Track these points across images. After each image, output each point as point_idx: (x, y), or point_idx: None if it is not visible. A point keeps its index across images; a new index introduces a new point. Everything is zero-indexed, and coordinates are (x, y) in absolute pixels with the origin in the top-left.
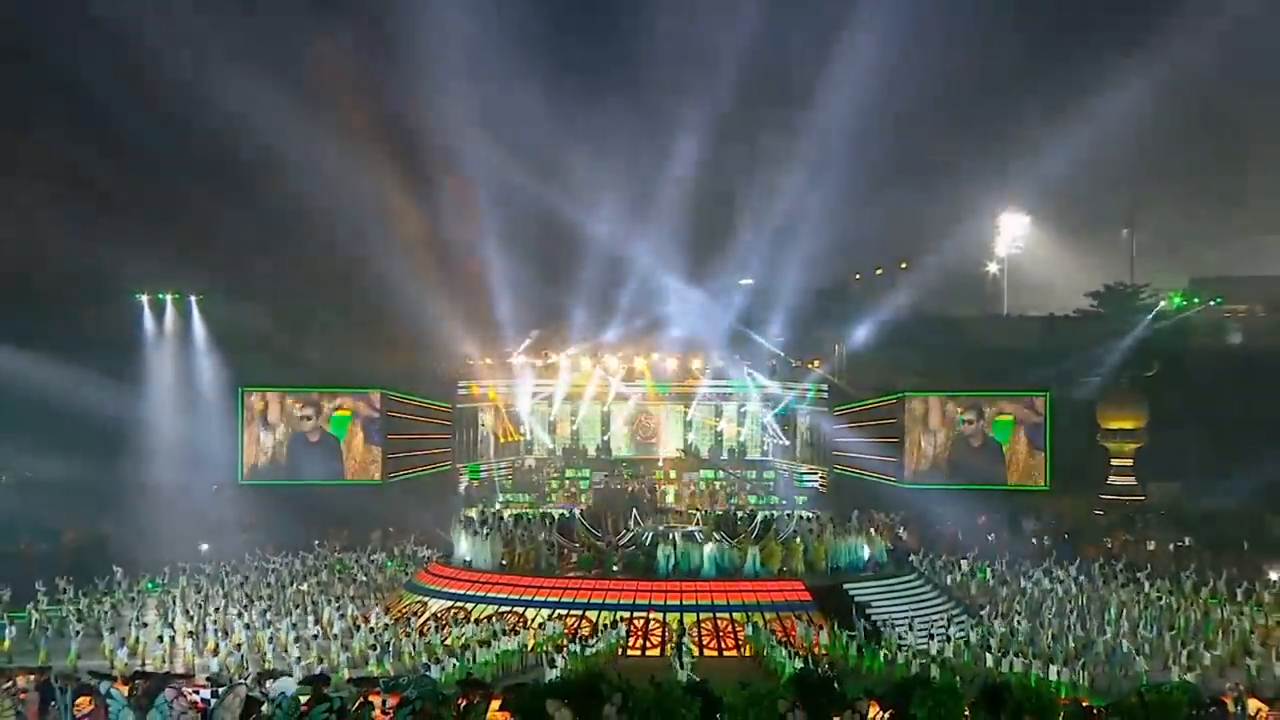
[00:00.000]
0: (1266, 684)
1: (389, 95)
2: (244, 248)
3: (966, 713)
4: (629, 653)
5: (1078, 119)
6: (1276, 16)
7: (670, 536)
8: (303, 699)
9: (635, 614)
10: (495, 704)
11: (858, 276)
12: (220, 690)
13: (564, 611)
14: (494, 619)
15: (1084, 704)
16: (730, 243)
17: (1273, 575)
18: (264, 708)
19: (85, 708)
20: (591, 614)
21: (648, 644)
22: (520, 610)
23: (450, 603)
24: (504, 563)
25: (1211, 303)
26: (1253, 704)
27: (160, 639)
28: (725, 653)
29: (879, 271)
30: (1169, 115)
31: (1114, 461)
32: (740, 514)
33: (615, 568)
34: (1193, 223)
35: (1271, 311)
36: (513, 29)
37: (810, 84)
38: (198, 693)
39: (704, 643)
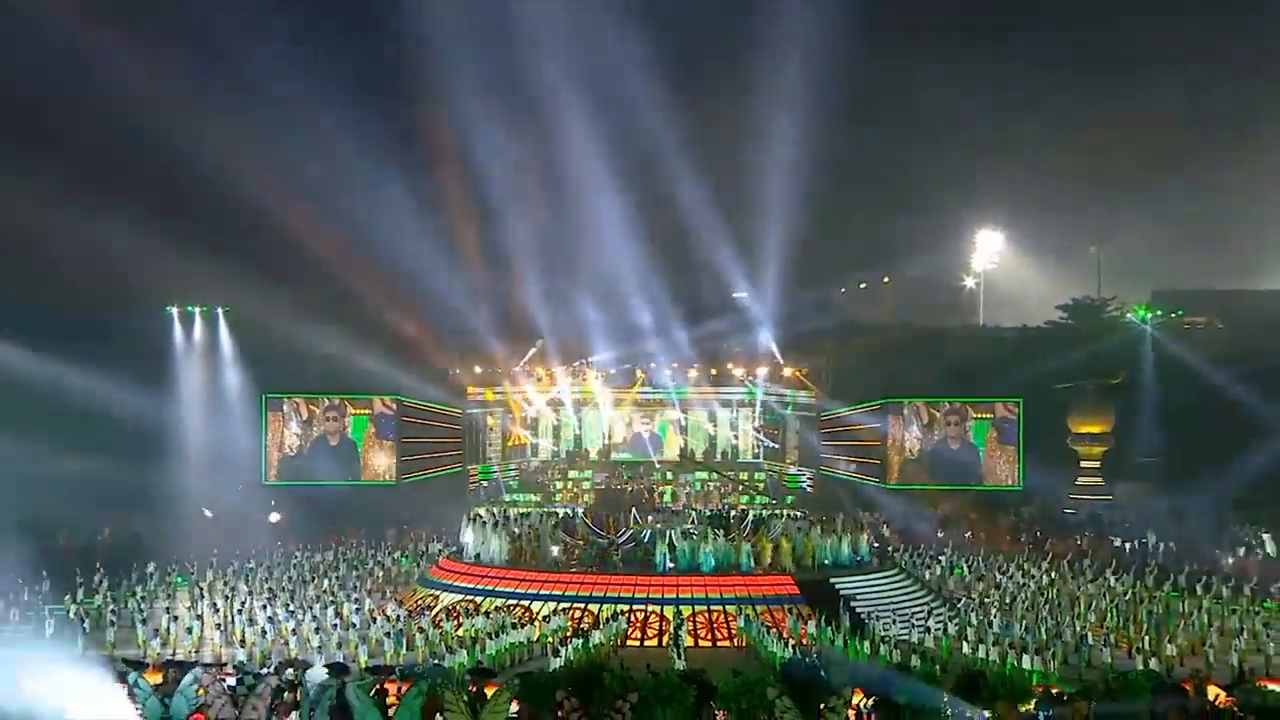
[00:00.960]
0: (1223, 672)
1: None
2: (267, 263)
3: (945, 699)
4: (629, 643)
5: (1050, 143)
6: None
7: (668, 534)
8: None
9: (635, 607)
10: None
11: (843, 290)
12: (245, 679)
13: (568, 605)
14: (502, 611)
15: (1054, 690)
16: (724, 257)
17: (1229, 570)
18: (286, 694)
19: None
20: (594, 607)
21: (646, 635)
22: (527, 603)
23: (461, 596)
24: (510, 558)
25: (1172, 315)
26: (1211, 690)
27: (190, 630)
28: (719, 643)
29: (863, 285)
30: (1137, 141)
31: (1082, 464)
32: (733, 513)
33: (616, 563)
34: (1156, 241)
35: (1227, 323)
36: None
37: (804, 108)
38: (224, 680)
39: (699, 634)
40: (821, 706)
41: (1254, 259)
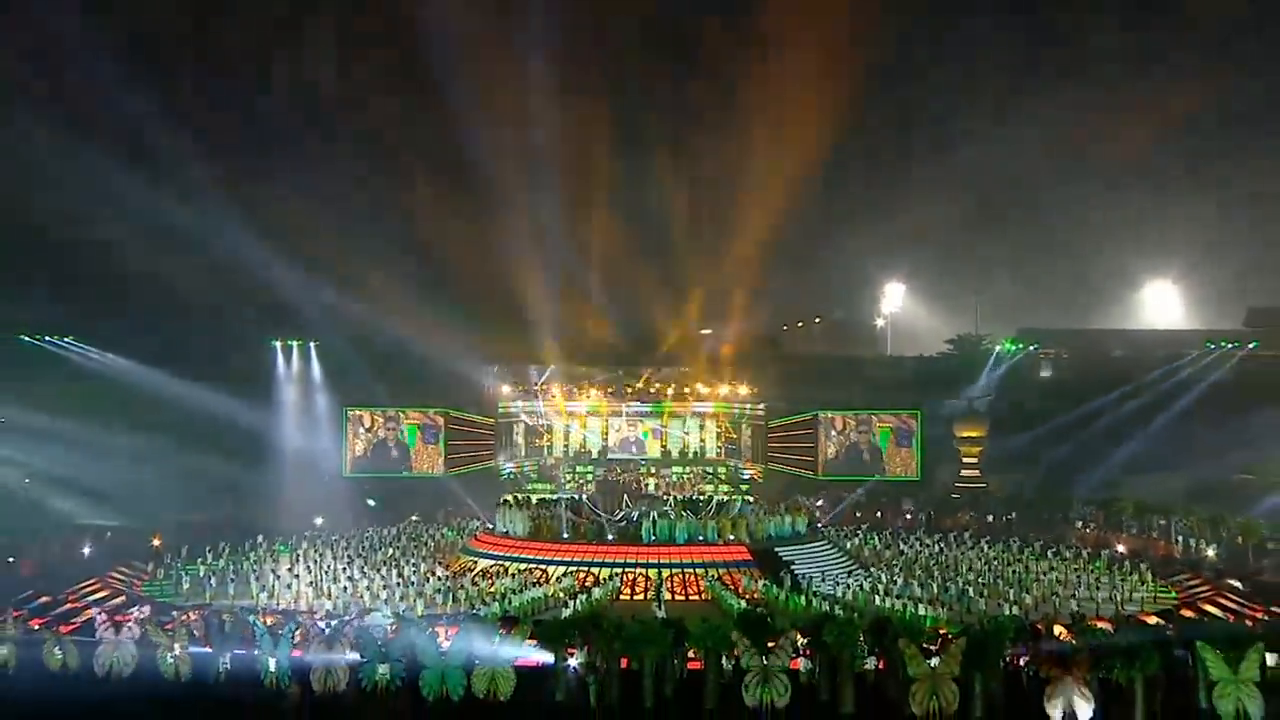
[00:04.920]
0: (1066, 615)
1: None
2: (346, 306)
3: (861, 638)
4: (621, 598)
5: (938, 210)
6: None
7: (651, 515)
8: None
9: (626, 570)
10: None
11: (785, 328)
12: (332, 623)
13: (575, 568)
14: (524, 573)
15: (942, 631)
16: (693, 300)
17: (1072, 538)
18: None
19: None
20: (595, 570)
21: (635, 592)
22: (543, 567)
23: (493, 561)
24: (530, 533)
25: (1031, 348)
26: (1057, 628)
27: (289, 586)
28: (690, 598)
29: (800, 325)
30: (1006, 209)
31: (965, 460)
32: (701, 498)
33: (611, 537)
34: (1021, 289)
35: (1073, 354)
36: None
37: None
38: (318, 624)
39: (675, 591)
40: (770, 644)
41: (1099, 303)
